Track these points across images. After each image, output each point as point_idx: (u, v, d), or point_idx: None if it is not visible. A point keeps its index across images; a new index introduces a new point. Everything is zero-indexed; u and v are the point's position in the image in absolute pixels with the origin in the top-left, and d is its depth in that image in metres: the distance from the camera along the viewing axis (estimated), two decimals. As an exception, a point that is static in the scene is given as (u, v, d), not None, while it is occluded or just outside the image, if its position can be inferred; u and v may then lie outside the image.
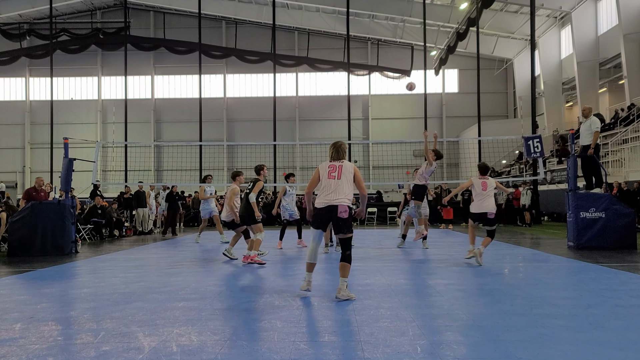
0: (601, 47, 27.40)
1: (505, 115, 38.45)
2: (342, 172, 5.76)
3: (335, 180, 5.73)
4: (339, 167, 5.81)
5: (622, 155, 20.87)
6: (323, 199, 5.72)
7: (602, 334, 4.15)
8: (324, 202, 5.70)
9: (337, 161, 5.91)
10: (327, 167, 5.87)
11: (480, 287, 6.54)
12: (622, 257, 9.30)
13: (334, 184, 5.73)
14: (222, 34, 38.94)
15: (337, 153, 5.94)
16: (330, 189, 5.71)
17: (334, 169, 5.82)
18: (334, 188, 5.70)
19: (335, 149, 5.97)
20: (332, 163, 5.90)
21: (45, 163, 34.19)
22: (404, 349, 3.80)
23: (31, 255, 10.79)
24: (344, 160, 5.92)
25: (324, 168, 5.90)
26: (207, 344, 3.99)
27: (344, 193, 5.69)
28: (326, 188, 5.74)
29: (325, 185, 5.78)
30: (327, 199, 5.69)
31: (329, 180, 5.76)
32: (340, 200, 5.66)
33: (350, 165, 5.86)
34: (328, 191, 5.72)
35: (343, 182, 5.73)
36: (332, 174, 5.79)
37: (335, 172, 5.79)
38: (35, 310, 5.31)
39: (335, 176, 5.76)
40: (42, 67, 36.95)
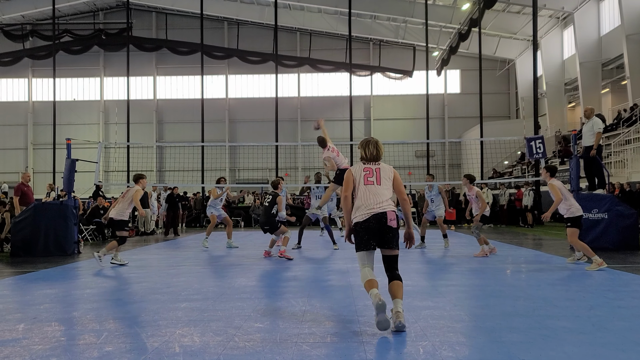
0: (604, 47, 27.36)
1: (508, 116, 38.41)
2: (380, 177, 4.75)
3: (375, 186, 4.71)
4: (376, 170, 4.78)
5: (625, 156, 20.83)
6: (365, 210, 4.61)
7: (605, 335, 4.15)
8: (368, 213, 4.59)
9: (373, 163, 4.84)
10: (363, 170, 4.79)
11: (482, 289, 6.54)
12: (625, 258, 9.29)
13: (373, 190, 4.69)
14: (224, 34, 38.99)
15: (378, 152, 4.86)
16: (370, 196, 4.65)
17: (370, 173, 4.77)
18: (375, 194, 4.66)
19: (373, 148, 4.86)
20: (368, 166, 4.81)
21: (47, 164, 34.24)
22: (406, 350, 3.80)
23: (34, 256, 10.82)
24: (380, 163, 4.87)
25: (358, 172, 4.81)
26: (209, 345, 4.00)
27: (388, 200, 4.71)
28: (365, 196, 4.67)
29: (363, 194, 4.70)
30: (370, 207, 4.61)
31: (368, 187, 4.71)
32: (387, 207, 4.61)
33: (390, 169, 4.85)
34: (368, 199, 4.65)
35: (384, 187, 4.74)
36: (370, 179, 4.75)
37: (373, 176, 4.76)
38: (39, 311, 5.33)
39: (374, 181, 4.74)
40: (45, 67, 37.02)
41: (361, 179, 4.73)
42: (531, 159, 14.21)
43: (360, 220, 4.59)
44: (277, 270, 8.47)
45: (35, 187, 37.93)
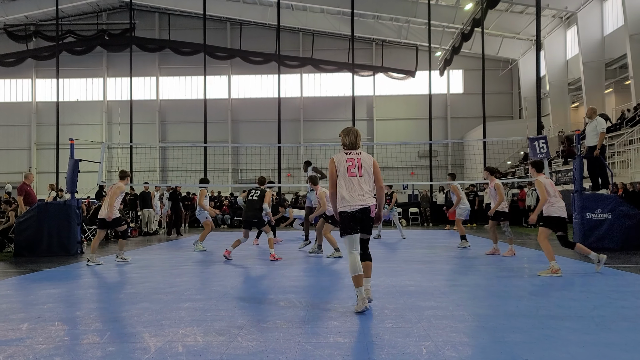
0: (607, 47, 27.28)
1: (511, 116, 38.34)
2: (362, 167, 5.18)
3: (357, 178, 5.15)
4: (357, 160, 5.19)
5: (629, 156, 20.76)
6: (351, 202, 5.10)
7: (609, 335, 4.14)
8: (355, 205, 5.09)
9: (353, 152, 5.25)
10: (346, 160, 5.20)
11: (485, 289, 6.53)
12: (629, 259, 9.26)
13: (355, 183, 5.15)
14: (226, 35, 39.02)
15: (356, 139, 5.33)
16: (354, 189, 5.11)
17: (352, 164, 5.18)
18: (357, 186, 5.12)
19: (353, 135, 5.32)
20: (350, 157, 5.22)
21: (51, 164, 34.29)
22: (409, 350, 3.80)
23: (37, 256, 10.86)
24: (360, 152, 5.27)
25: (341, 162, 5.21)
26: (212, 345, 4.00)
27: (368, 191, 5.19)
28: (349, 189, 5.12)
29: (346, 185, 5.16)
30: (355, 203, 5.10)
31: (351, 179, 5.16)
32: (369, 201, 5.14)
33: (369, 158, 5.27)
34: (352, 192, 5.12)
35: (364, 179, 5.18)
36: (353, 171, 5.16)
37: (355, 167, 5.17)
38: (42, 311, 5.34)
39: (357, 173, 5.16)
40: (48, 68, 37.11)
41: (345, 170, 5.18)
42: (534, 159, 14.15)
43: (349, 210, 5.13)
44: (280, 270, 8.47)
45: (38, 187, 38.06)
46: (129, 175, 10.57)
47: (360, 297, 5.02)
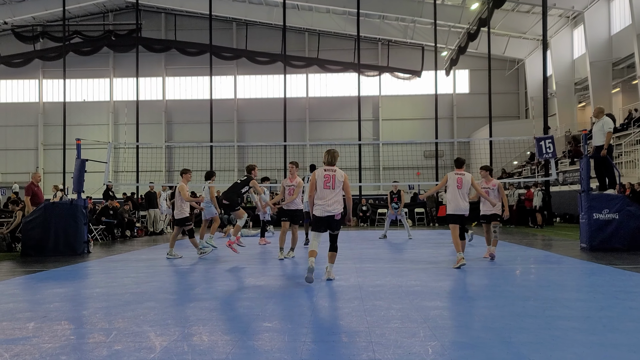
0: (614, 46, 27.13)
1: (517, 116, 38.19)
2: (335, 182, 6.79)
3: (330, 190, 6.78)
4: (332, 177, 6.80)
5: (636, 156, 20.65)
6: (321, 209, 6.78)
7: (616, 336, 4.11)
8: (323, 212, 6.78)
9: (330, 169, 6.86)
10: (323, 176, 6.81)
11: (491, 289, 6.50)
12: (636, 259, 9.20)
13: (328, 194, 6.77)
14: (232, 35, 39.09)
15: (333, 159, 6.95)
16: (326, 198, 6.74)
17: (328, 179, 6.80)
18: (329, 197, 6.74)
19: (330, 156, 6.94)
20: (327, 173, 6.84)
21: (58, 164, 34.48)
22: (415, 350, 3.79)
23: (44, 256, 10.90)
24: (336, 169, 6.89)
25: (320, 176, 6.84)
26: (218, 344, 4.00)
27: (337, 201, 6.82)
28: (322, 197, 6.76)
29: (320, 194, 6.81)
30: (325, 209, 6.76)
31: (325, 191, 6.78)
32: (335, 209, 6.77)
33: (341, 174, 6.86)
34: (324, 201, 6.77)
35: (336, 191, 6.80)
36: (327, 184, 6.79)
37: (330, 182, 6.79)
38: (48, 310, 5.36)
39: (330, 186, 6.78)
40: (55, 69, 37.30)
41: (321, 183, 6.82)
42: (541, 158, 14.12)
43: (318, 215, 6.85)
44: (286, 270, 8.47)
45: (45, 187, 38.27)
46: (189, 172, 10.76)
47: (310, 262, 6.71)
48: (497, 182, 9.94)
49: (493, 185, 9.83)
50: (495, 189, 9.80)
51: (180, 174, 10.84)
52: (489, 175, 10.04)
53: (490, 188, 9.79)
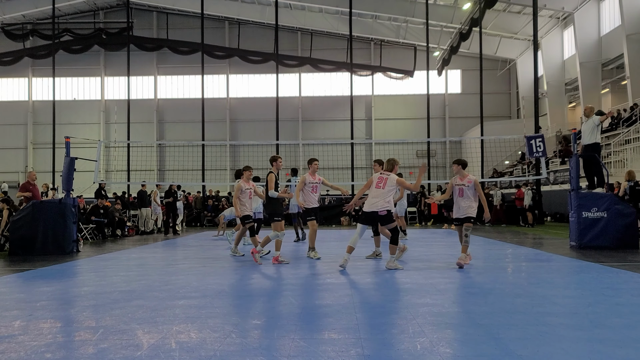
0: (604, 47, 27.32)
1: (508, 116, 38.38)
2: (387, 184, 7.91)
3: (381, 190, 7.89)
4: (385, 179, 7.96)
5: (625, 156, 20.80)
6: (369, 206, 7.90)
7: (603, 331, 4.13)
8: (369, 208, 7.90)
9: (385, 173, 8.10)
10: (377, 178, 8.03)
11: (481, 286, 6.52)
12: (624, 257, 9.27)
13: (379, 193, 7.88)
14: (225, 34, 38.99)
15: (387, 165, 8.33)
16: (376, 197, 7.85)
17: (381, 180, 7.97)
18: (378, 196, 7.85)
19: (390, 164, 8.30)
20: (382, 175, 8.06)
21: (47, 163, 34.21)
22: (404, 346, 3.78)
23: (32, 254, 10.80)
24: (390, 174, 8.06)
25: (375, 177, 8.11)
26: (206, 341, 3.98)
27: (384, 199, 7.87)
28: (373, 195, 7.90)
29: (372, 192, 7.96)
30: (372, 206, 7.86)
31: (376, 190, 7.92)
32: (381, 206, 7.82)
33: (394, 178, 7.98)
34: (374, 198, 7.89)
35: (386, 192, 7.89)
36: (379, 185, 7.95)
37: (382, 182, 7.95)
38: (35, 308, 5.31)
39: (382, 186, 7.91)
40: (45, 67, 37.02)
41: (374, 184, 8.03)
42: (531, 157, 14.20)
43: (365, 210, 7.97)
44: (275, 268, 8.46)
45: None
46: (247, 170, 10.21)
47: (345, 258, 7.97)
48: (474, 178, 8.47)
49: (469, 181, 8.40)
50: (472, 186, 8.39)
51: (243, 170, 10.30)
52: (462, 169, 8.55)
53: (466, 185, 8.41)
